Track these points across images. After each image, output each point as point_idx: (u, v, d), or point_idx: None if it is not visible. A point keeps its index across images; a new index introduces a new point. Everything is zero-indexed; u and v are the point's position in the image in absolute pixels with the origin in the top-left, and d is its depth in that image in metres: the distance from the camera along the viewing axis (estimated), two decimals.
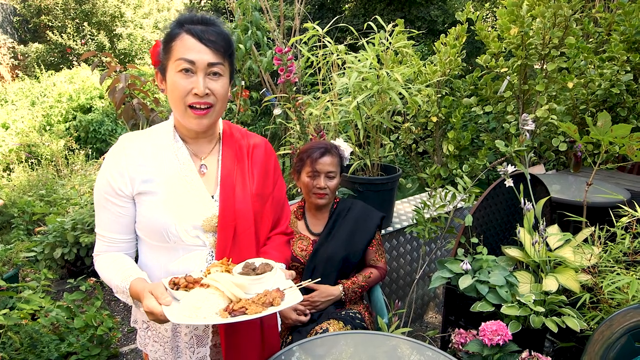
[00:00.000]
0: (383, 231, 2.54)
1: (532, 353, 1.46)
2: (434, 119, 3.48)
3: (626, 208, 1.74)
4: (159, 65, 1.18)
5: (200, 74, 1.11)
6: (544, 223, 1.72)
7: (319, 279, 1.51)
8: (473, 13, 3.32)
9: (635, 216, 1.69)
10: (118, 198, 1.17)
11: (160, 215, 1.15)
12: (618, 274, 1.57)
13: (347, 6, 8.71)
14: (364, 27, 2.53)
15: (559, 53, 3.17)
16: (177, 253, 1.19)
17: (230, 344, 1.23)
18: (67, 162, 5.31)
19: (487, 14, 7.74)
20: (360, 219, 1.92)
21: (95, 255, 1.25)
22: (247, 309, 1.02)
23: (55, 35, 9.65)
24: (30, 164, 5.28)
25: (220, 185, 1.23)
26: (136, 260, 1.27)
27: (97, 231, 1.23)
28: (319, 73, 2.62)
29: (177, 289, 1.06)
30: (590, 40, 3.61)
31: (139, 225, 1.20)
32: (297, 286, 1.15)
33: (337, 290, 1.81)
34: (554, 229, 1.91)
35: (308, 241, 1.89)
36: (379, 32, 2.38)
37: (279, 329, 1.43)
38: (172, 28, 1.14)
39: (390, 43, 2.42)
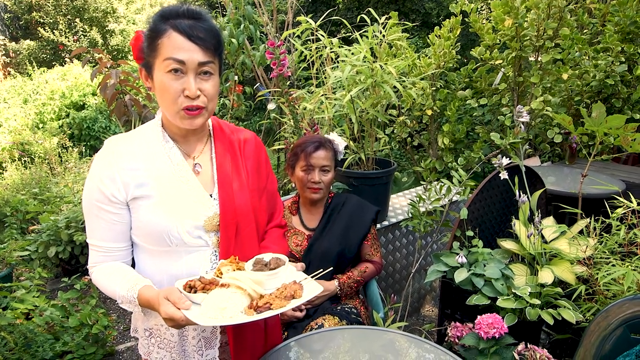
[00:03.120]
0: (378, 225, 2.53)
1: (528, 345, 1.46)
2: (429, 112, 3.47)
3: (621, 199, 1.74)
4: (143, 62, 1.12)
5: (191, 74, 1.06)
6: (539, 215, 1.72)
7: (331, 269, 1.50)
8: (467, 5, 3.31)
9: (630, 207, 1.69)
10: (111, 205, 1.12)
11: (159, 219, 1.12)
12: (613, 265, 1.57)
13: None
14: (358, 21, 2.51)
15: (554, 44, 3.16)
16: (179, 255, 1.16)
17: (238, 343, 1.21)
18: (61, 160, 5.27)
19: (481, 6, 7.71)
20: (355, 213, 1.91)
21: (90, 267, 1.20)
22: (271, 304, 1.01)
23: (47, 31, 9.56)
24: (23, 162, 5.24)
25: (218, 183, 1.21)
26: (132, 267, 1.23)
27: (90, 242, 1.17)
28: (313, 67, 2.60)
29: (195, 292, 1.04)
30: (585, 31, 3.60)
31: (137, 231, 1.16)
32: (312, 277, 1.14)
33: (332, 285, 1.80)
34: (550, 220, 1.91)
35: (303, 236, 1.88)
36: (372, 25, 2.36)
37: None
38: (157, 23, 1.07)
39: (384, 36, 2.40)
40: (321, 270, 1.29)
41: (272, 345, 1.34)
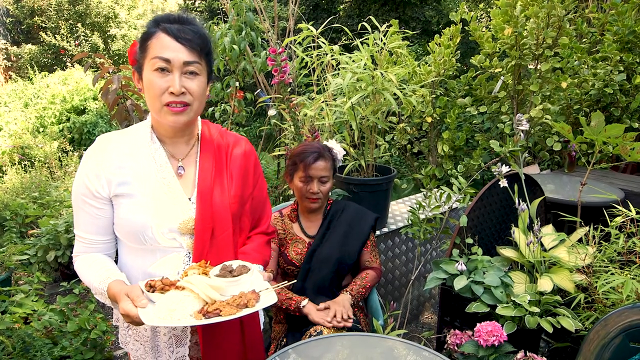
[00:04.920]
0: (378, 232, 2.54)
1: (528, 353, 1.46)
2: (429, 120, 3.48)
3: (620, 208, 1.74)
4: (136, 65, 1.18)
5: (176, 72, 1.11)
6: (539, 223, 1.72)
7: (294, 282, 1.53)
8: (467, 13, 3.33)
9: (629, 216, 1.70)
10: (95, 200, 1.17)
11: (137, 218, 1.15)
12: (612, 273, 1.57)
13: (341, 7, 8.72)
14: (359, 28, 2.53)
15: (553, 53, 3.18)
16: (154, 255, 1.20)
17: (209, 342, 1.24)
18: (61, 164, 5.28)
19: (481, 15, 7.76)
20: (354, 220, 1.91)
21: (74, 256, 1.25)
22: (221, 311, 1.03)
23: (49, 36, 9.60)
24: (23, 166, 5.24)
25: (197, 188, 1.23)
26: (116, 260, 1.27)
27: (75, 232, 1.23)
28: (314, 74, 2.61)
29: (154, 292, 1.07)
30: (584, 40, 3.62)
31: (117, 227, 1.20)
32: (274, 287, 1.16)
33: (345, 296, 1.78)
34: (549, 229, 1.91)
35: (304, 244, 1.88)
36: (373, 32, 2.37)
37: (262, 327, 1.43)
38: (149, 27, 1.13)
39: (384, 43, 2.42)
40: (285, 281, 1.30)
41: (251, 347, 1.33)
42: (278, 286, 1.20)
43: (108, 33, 10.07)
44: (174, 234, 1.19)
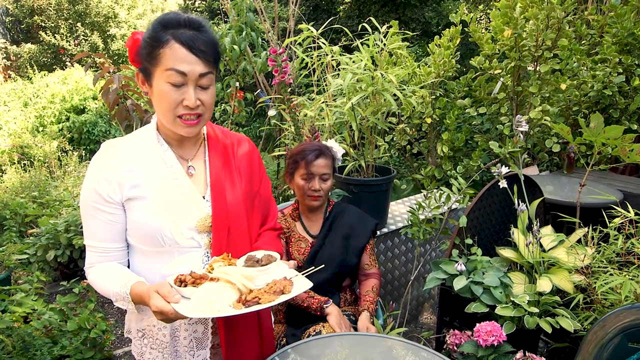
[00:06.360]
0: (378, 232, 2.54)
1: (527, 353, 1.47)
2: (429, 120, 3.49)
3: (619, 209, 1.75)
4: (140, 67, 1.14)
5: (191, 85, 1.09)
6: (538, 224, 1.73)
7: (323, 266, 1.54)
8: (467, 15, 3.34)
9: (627, 217, 1.71)
10: (108, 205, 1.15)
11: (154, 220, 1.14)
12: (611, 274, 1.58)
13: (341, 8, 8.73)
14: (359, 29, 2.53)
15: (552, 55, 3.19)
16: (171, 256, 1.19)
17: (230, 343, 1.23)
18: (60, 164, 5.27)
19: (480, 16, 7.78)
20: (356, 223, 1.93)
21: (87, 268, 1.22)
22: (260, 299, 1.03)
23: (48, 35, 9.59)
24: (22, 165, 5.24)
25: (211, 185, 1.23)
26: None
27: (87, 243, 1.20)
28: (314, 74, 2.62)
29: (185, 286, 1.05)
30: (583, 42, 3.63)
31: (131, 231, 1.18)
32: (303, 273, 1.16)
33: (365, 317, 1.77)
34: (548, 229, 1.92)
35: (306, 243, 1.90)
36: (373, 33, 2.38)
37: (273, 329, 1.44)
38: (157, 31, 1.08)
39: (384, 44, 2.42)
40: (312, 267, 1.30)
41: (268, 348, 1.34)
42: (308, 272, 1.20)
43: (108, 33, 10.06)
44: (192, 232, 1.18)
